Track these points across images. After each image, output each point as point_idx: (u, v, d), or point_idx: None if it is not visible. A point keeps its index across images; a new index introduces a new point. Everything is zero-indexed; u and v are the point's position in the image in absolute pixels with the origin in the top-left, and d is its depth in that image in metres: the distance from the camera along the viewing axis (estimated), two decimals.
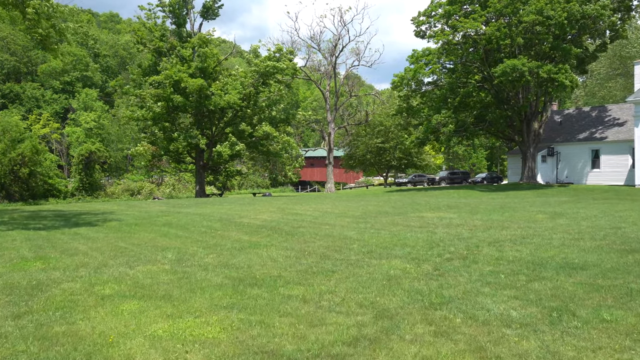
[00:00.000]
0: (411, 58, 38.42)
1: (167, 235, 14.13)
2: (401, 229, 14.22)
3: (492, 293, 6.83)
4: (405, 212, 19.49)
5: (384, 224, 15.57)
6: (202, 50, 36.83)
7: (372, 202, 25.55)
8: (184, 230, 15.22)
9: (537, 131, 37.71)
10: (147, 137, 38.40)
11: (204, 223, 17.17)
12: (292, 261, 9.70)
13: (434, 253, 10.22)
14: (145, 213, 22.20)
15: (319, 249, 11.07)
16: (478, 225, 14.79)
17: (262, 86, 39.12)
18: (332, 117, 52.38)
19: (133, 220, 18.58)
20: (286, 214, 19.70)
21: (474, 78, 35.83)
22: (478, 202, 23.84)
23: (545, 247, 10.42)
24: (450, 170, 59.81)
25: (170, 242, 12.79)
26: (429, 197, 29.81)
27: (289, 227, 15.49)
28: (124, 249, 11.53)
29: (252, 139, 38.53)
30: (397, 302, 6.44)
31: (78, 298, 6.81)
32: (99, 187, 50.99)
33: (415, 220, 16.43)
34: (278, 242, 12.28)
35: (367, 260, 9.69)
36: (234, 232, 14.71)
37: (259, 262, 9.68)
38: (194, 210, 22.76)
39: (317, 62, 51.95)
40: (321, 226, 15.53)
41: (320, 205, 23.88)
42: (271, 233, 14.12)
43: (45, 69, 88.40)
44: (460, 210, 19.78)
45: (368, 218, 17.54)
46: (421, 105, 38.80)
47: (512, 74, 28.83)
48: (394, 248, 10.97)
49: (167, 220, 18.40)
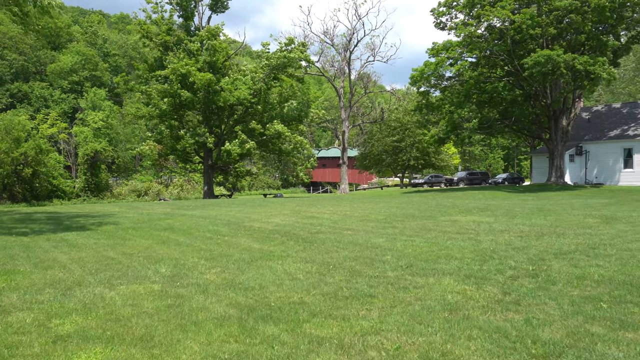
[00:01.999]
0: (431, 51, 36.31)
1: (166, 242, 12.20)
2: (437, 236, 12.17)
3: (610, 337, 4.77)
4: (433, 215, 17.41)
5: (415, 230, 13.53)
6: (210, 42, 34.87)
7: (393, 204, 23.47)
8: (187, 236, 13.29)
9: (565, 128, 35.37)
10: (153, 136, 36.56)
11: (209, 227, 15.24)
12: (314, 279, 7.69)
13: (492, 268, 8.17)
14: (146, 215, 20.35)
15: (345, 262, 9.07)
16: (525, 231, 12.70)
17: (273, 81, 37.12)
18: (347, 115, 50.26)
19: (131, 224, 16.71)
20: (301, 217, 17.71)
21: (498, 72, 33.57)
22: (510, 205, 21.68)
23: (633, 262, 8.30)
24: (469, 171, 57.44)
25: (168, 250, 10.85)
26: (454, 199, 27.67)
27: (306, 232, 13.50)
28: (110, 261, 9.60)
29: (263, 137, 36.56)
30: (480, 354, 4.40)
31: (21, 340, 4.86)
32: (105, 187, 49.35)
33: (449, 225, 14.37)
34: (295, 252, 10.29)
35: (410, 278, 7.66)
36: (243, 238, 12.76)
37: (274, 279, 7.68)
38: (199, 213, 20.85)
39: (330, 57, 49.95)
40: (343, 232, 13.52)
41: (338, 207, 21.85)
42: (286, 240, 12.15)
43: (54, 69, 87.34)
44: (494, 213, 17.66)
45: (394, 222, 15.50)
46: (442, 101, 36.61)
47: (545, 65, 26.55)
48: (438, 261, 8.93)
49: (168, 224, 16.50)
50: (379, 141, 51.31)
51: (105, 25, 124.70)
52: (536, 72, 27.89)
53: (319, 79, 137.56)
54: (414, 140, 49.56)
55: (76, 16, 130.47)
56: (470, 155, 78.89)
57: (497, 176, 55.88)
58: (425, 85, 37.51)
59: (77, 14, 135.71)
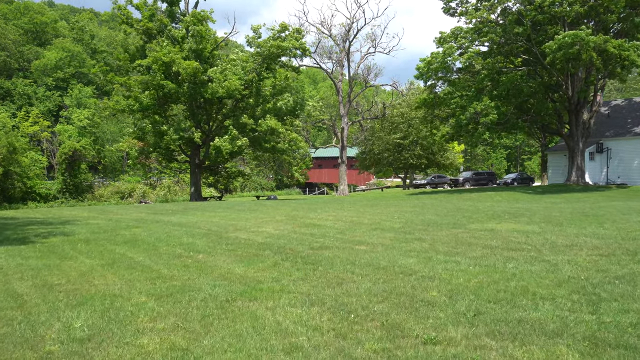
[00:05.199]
0: (439, 40, 33.21)
1: (115, 264, 8.92)
2: (485, 254, 8.96)
3: None
4: (459, 222, 14.17)
5: (449, 243, 10.33)
6: (196, 28, 31.34)
7: (405, 208, 20.21)
8: (148, 254, 10.03)
9: (586, 123, 32.26)
10: (134, 132, 33.00)
11: (182, 240, 11.97)
12: (330, 349, 4.44)
13: (616, 320, 4.98)
14: (114, 222, 17.03)
15: (371, 303, 5.85)
16: (600, 246, 9.51)
17: (265, 71, 33.70)
18: (345, 111, 46.86)
19: (87, 235, 13.40)
20: (299, 224, 14.44)
21: (516, 61, 30.41)
22: (542, 209, 18.50)
23: None
24: (475, 171, 54.32)
25: (111, 279, 7.58)
26: (471, 201, 24.50)
27: (306, 247, 10.27)
28: (8, 301, 6.31)
29: (255, 134, 33.15)
30: None
31: None
32: (86, 189, 45.79)
33: (489, 237, 11.17)
34: (292, 282, 7.06)
35: (494, 344, 4.44)
36: (223, 256, 9.51)
37: (258, 350, 4.43)
38: (177, 219, 17.55)
39: (328, 48, 46.56)
40: (354, 246, 10.29)
41: (341, 211, 18.57)
42: (280, 260, 8.92)
43: (39, 65, 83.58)
44: (532, 219, 14.43)
45: (416, 232, 12.29)
46: (450, 95, 33.40)
47: (571, 47, 23.37)
48: (517, 303, 5.73)
49: (133, 235, 13.21)
50: (380, 139, 48.02)
51: (96, 23, 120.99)
52: (560, 56, 24.70)
53: (313, 77, 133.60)
54: (418, 137, 46.31)
55: (66, 14, 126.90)
56: (472, 155, 75.85)
57: (505, 176, 52.80)
58: (432, 79, 34.38)
59: (68, 12, 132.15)
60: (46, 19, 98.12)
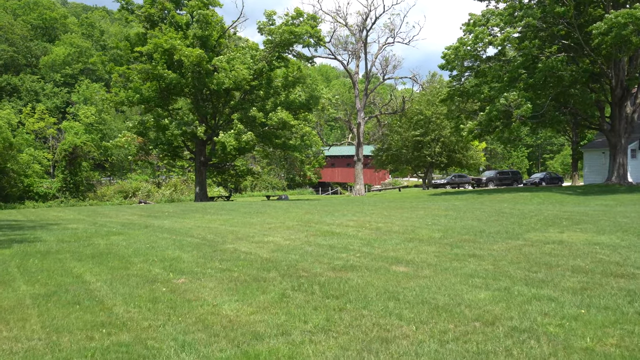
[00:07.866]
0: (467, 26, 30.35)
1: (56, 294, 6.33)
2: (587, 285, 6.24)
3: None
4: (512, 230, 11.35)
5: (519, 264, 7.62)
6: (201, 12, 28.67)
7: (436, 211, 17.39)
8: (112, 275, 7.43)
9: (630, 117, 29.16)
10: (134, 127, 30.46)
11: (166, 253, 9.36)
12: None
13: None
14: (96, 227, 14.51)
15: None
16: None
17: (277, 61, 30.97)
18: (362, 105, 43.92)
19: (52, 245, 10.86)
20: (314, 232, 11.74)
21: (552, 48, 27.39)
22: (598, 212, 15.57)
23: None
24: (498, 170, 51.18)
25: (31, 326, 4.96)
26: (507, 204, 21.64)
27: (326, 267, 7.61)
28: None
29: (265, 128, 30.46)
30: None
31: None
32: (87, 187, 43.50)
33: (567, 253, 8.44)
34: (309, 337, 4.39)
35: None
36: (211, 281, 6.88)
37: None
38: (170, 223, 14.96)
39: (343, 38, 43.72)
40: (390, 267, 7.61)
41: (362, 215, 15.82)
42: (289, 289, 6.27)
43: (47, 61, 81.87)
44: (598, 227, 11.57)
45: (464, 244, 9.55)
46: (478, 87, 30.47)
47: (624, 28, 20.37)
48: None
49: (108, 245, 10.63)
50: (399, 134, 44.98)
51: (108, 21, 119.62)
52: (609, 40, 21.70)
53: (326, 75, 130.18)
54: (439, 134, 43.24)
55: (79, 12, 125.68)
56: (492, 154, 72.55)
57: (532, 176, 49.58)
58: (458, 68, 31.49)
59: (81, 10, 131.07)
60: (55, 14, 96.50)
